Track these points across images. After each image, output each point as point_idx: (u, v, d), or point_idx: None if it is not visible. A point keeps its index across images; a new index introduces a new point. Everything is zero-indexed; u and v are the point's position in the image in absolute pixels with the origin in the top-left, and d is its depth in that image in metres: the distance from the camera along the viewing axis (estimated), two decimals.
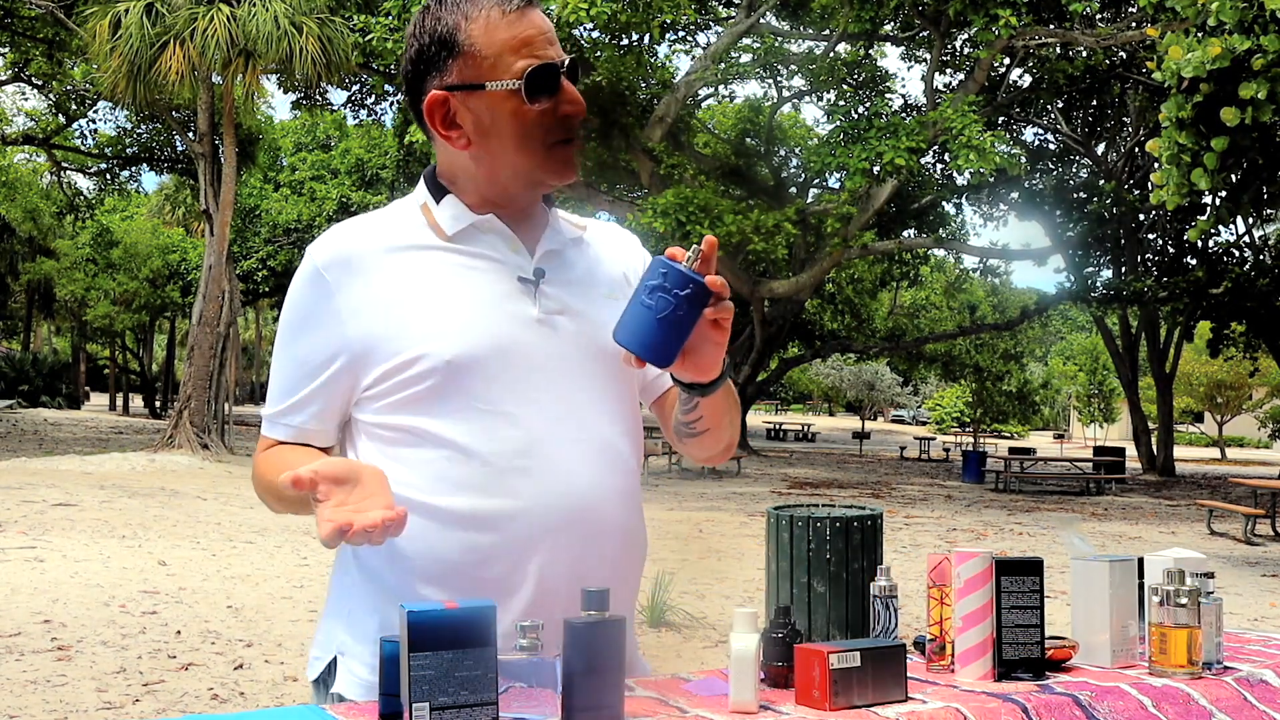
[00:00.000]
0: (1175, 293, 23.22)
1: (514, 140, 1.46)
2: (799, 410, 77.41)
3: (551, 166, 1.49)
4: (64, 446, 20.81)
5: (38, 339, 49.26)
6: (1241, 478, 20.31)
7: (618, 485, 1.49)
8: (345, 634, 1.50)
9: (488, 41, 1.45)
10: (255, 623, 6.56)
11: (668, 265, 1.29)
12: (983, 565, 1.53)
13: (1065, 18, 18.85)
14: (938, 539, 12.35)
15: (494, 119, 1.46)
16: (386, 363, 1.44)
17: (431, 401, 1.43)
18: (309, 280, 1.49)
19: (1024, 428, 56.97)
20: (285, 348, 1.53)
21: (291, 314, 1.52)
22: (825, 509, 5.87)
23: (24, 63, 26.82)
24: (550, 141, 1.47)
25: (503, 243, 1.51)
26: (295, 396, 1.51)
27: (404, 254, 1.49)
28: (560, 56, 1.47)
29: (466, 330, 1.43)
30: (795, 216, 19.97)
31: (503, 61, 1.44)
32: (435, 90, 1.47)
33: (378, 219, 1.54)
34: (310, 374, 1.49)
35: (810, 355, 33.93)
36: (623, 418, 1.53)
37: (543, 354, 1.47)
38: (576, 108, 1.48)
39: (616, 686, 1.23)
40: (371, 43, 18.80)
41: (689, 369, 1.38)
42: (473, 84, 1.45)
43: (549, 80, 1.45)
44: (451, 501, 1.42)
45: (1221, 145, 9.60)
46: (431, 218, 1.52)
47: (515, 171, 1.49)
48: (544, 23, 1.48)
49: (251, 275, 34.89)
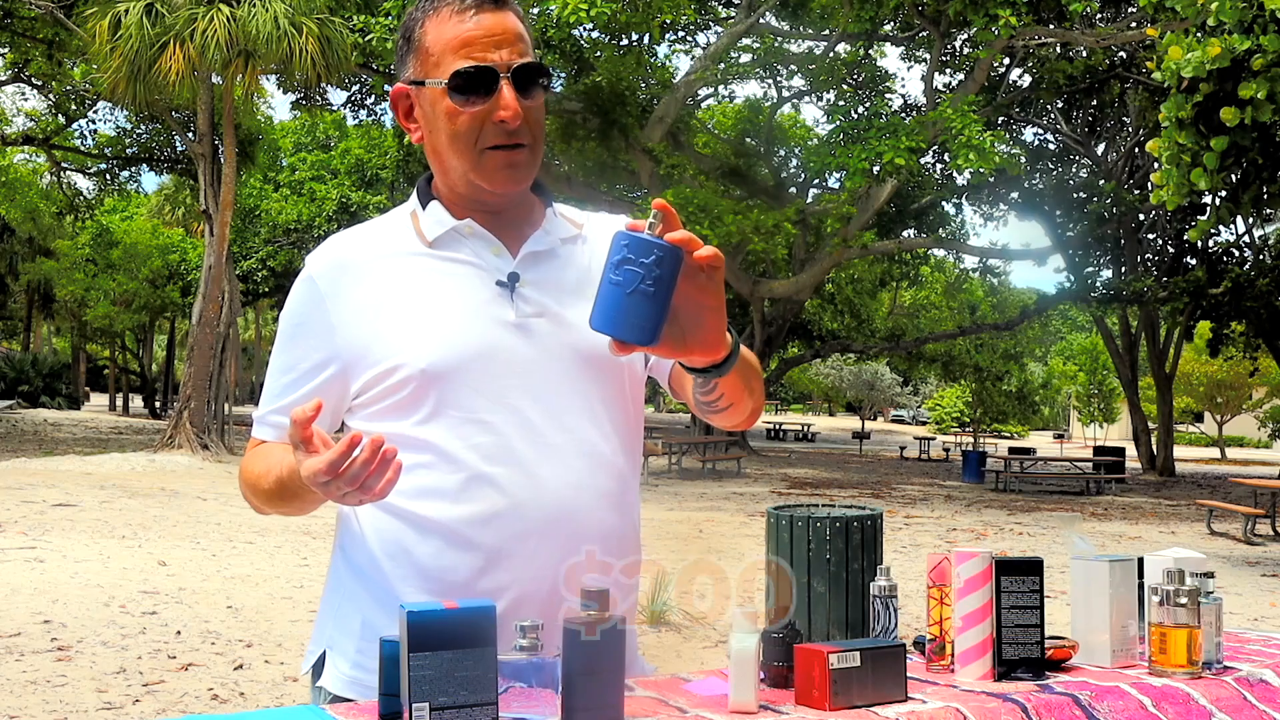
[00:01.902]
0: (1175, 293, 23.22)
1: (446, 139, 1.47)
2: (799, 410, 77.39)
3: (485, 172, 1.47)
4: (64, 447, 20.81)
5: (37, 339, 49.23)
6: (1241, 477, 20.30)
7: (600, 488, 1.48)
8: (333, 629, 1.54)
9: (435, 39, 1.47)
10: (255, 623, 6.56)
11: (629, 236, 1.19)
12: (982, 565, 1.53)
13: (1065, 17, 18.85)
14: (937, 539, 12.35)
15: (432, 116, 1.49)
16: (369, 371, 1.46)
17: (411, 409, 1.45)
18: (304, 289, 1.53)
19: (1024, 428, 56.99)
20: (279, 354, 1.56)
21: (287, 321, 1.55)
22: (825, 509, 5.87)
23: (24, 63, 26.80)
24: (482, 146, 1.45)
25: (483, 246, 1.51)
26: (285, 400, 1.53)
27: (389, 261, 1.51)
28: (507, 61, 1.44)
29: (442, 338, 1.44)
30: (795, 216, 19.97)
31: (444, 60, 1.45)
32: (400, 83, 1.52)
33: (371, 228, 1.57)
34: (301, 379, 1.51)
35: (810, 355, 33.94)
36: (608, 419, 1.52)
37: (520, 358, 1.46)
38: (508, 114, 1.43)
39: (616, 686, 1.23)
40: (371, 43, 18.80)
41: (695, 349, 1.28)
42: (417, 80, 1.49)
43: (477, 83, 1.43)
44: (431, 508, 1.44)
45: (1221, 145, 9.60)
46: (417, 224, 1.53)
47: (456, 171, 1.49)
48: (498, 25, 1.45)
49: (251, 275, 34.87)
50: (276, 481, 1.43)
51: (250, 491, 1.53)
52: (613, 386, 1.53)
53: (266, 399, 1.56)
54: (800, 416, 68.67)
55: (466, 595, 1.39)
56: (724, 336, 1.31)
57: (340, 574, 1.55)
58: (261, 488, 1.48)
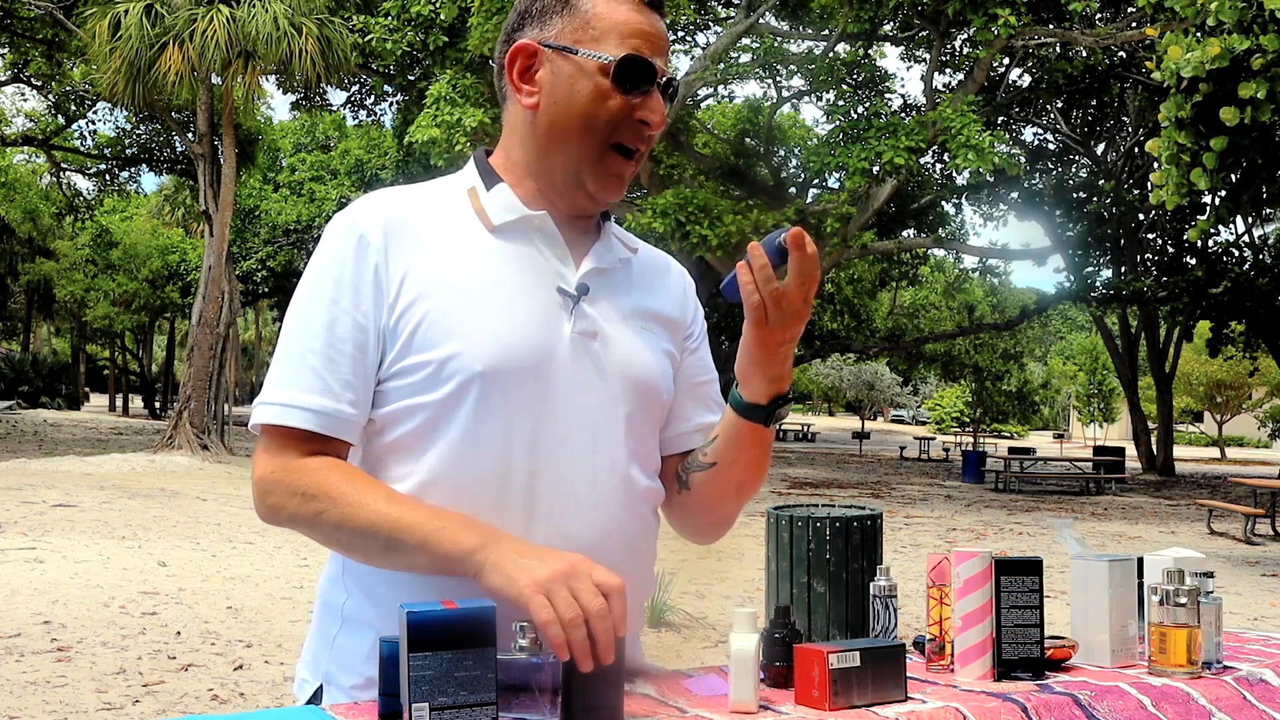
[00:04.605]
0: (1175, 292, 23.23)
1: (580, 118, 1.37)
2: (799, 410, 77.38)
3: (600, 170, 1.39)
4: (64, 447, 20.81)
5: (37, 340, 49.25)
6: (1241, 477, 20.31)
7: (633, 530, 1.42)
8: (329, 662, 1.41)
9: (606, 14, 1.38)
10: (255, 623, 6.55)
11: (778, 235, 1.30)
12: (982, 565, 1.53)
13: (1064, 17, 18.86)
14: (937, 539, 12.35)
15: (572, 88, 1.37)
16: (415, 355, 1.32)
17: (446, 406, 1.32)
18: (348, 243, 1.35)
19: (1024, 428, 57.03)
20: (310, 319, 1.34)
21: (325, 282, 1.34)
22: (825, 509, 5.87)
23: (23, 63, 26.82)
24: (613, 140, 1.38)
25: (549, 247, 1.41)
26: (331, 381, 1.32)
27: (451, 236, 1.38)
28: (664, 67, 1.40)
29: (505, 340, 1.33)
30: (795, 216, 19.96)
31: (609, 38, 1.37)
32: (528, 39, 1.41)
33: (424, 192, 1.43)
34: (350, 357, 1.33)
35: (810, 355, 33.93)
36: (645, 455, 1.45)
37: (567, 375, 1.37)
38: (655, 118, 1.39)
39: (616, 686, 1.23)
40: (371, 43, 18.81)
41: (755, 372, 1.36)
42: (569, 46, 1.38)
43: (641, 75, 1.37)
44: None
45: (1221, 145, 9.60)
46: (479, 203, 1.41)
47: (566, 156, 1.40)
48: (663, 32, 1.42)
49: (251, 276, 34.89)
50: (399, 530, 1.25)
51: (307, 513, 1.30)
52: (648, 423, 1.46)
53: (300, 374, 1.32)
54: (800, 416, 68.71)
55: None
56: (782, 375, 1.37)
57: (340, 601, 1.41)
58: (352, 520, 1.27)
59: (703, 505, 1.52)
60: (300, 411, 1.31)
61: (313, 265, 1.37)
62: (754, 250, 1.29)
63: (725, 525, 1.55)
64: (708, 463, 1.47)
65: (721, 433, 1.45)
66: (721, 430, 1.45)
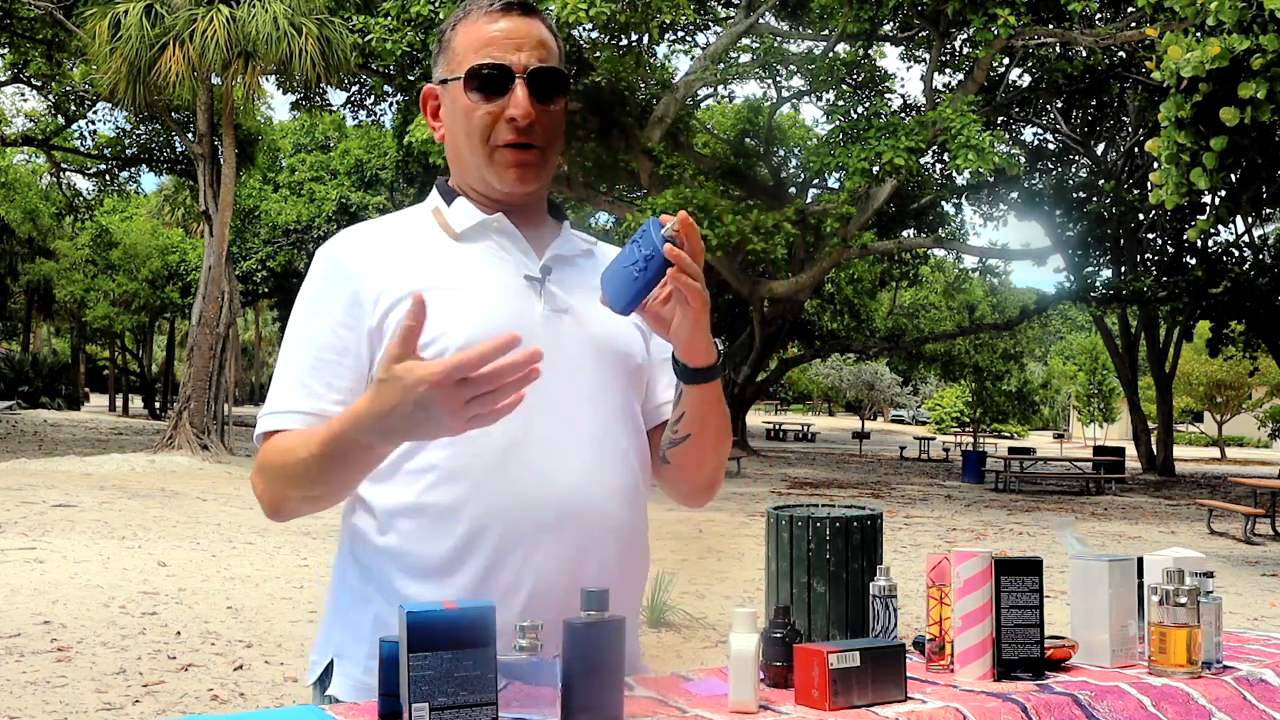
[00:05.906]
0: (1175, 292, 23.23)
1: (462, 134, 1.52)
2: (799, 410, 77.41)
3: (495, 168, 1.51)
4: (64, 447, 20.81)
5: (37, 340, 49.25)
6: (1241, 477, 20.31)
7: (617, 483, 1.48)
8: (341, 635, 1.49)
9: (461, 39, 1.53)
10: (255, 623, 6.56)
11: (653, 223, 1.36)
12: (982, 565, 1.53)
13: (1064, 17, 18.86)
14: (937, 539, 12.35)
15: (452, 113, 1.54)
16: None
17: None
18: (327, 267, 1.50)
19: (1024, 428, 57.03)
20: (301, 336, 1.49)
21: (309, 305, 1.50)
22: (825, 509, 5.87)
23: (23, 63, 26.81)
24: (494, 143, 1.50)
25: (510, 243, 1.54)
26: (315, 385, 1.45)
27: (418, 248, 1.52)
28: (525, 63, 1.49)
29: (478, 318, 1.44)
30: (795, 216, 19.96)
31: (466, 58, 1.51)
32: (431, 84, 1.59)
33: (389, 222, 1.58)
34: (332, 363, 1.45)
35: (810, 355, 33.95)
36: (626, 417, 1.53)
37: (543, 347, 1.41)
38: (517, 113, 1.48)
39: (616, 686, 1.23)
40: (371, 43, 18.80)
41: (677, 346, 1.45)
42: (445, 78, 1.55)
43: (492, 81, 1.49)
44: (443, 497, 1.41)
45: (1220, 145, 9.59)
46: (442, 219, 1.55)
47: (471, 167, 1.54)
48: (522, 29, 1.51)
49: (251, 276, 34.89)
50: (321, 444, 1.33)
51: (278, 475, 1.42)
52: (630, 390, 1.56)
53: (289, 386, 1.46)
54: (800, 416, 68.70)
55: (483, 590, 1.38)
56: (704, 349, 1.44)
57: (347, 577, 1.50)
58: (297, 457, 1.38)
59: (687, 471, 1.60)
60: (287, 415, 1.45)
61: (299, 296, 1.53)
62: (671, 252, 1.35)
63: (716, 485, 1.64)
64: (680, 437, 1.55)
65: (685, 409, 1.53)
66: (684, 407, 1.53)
